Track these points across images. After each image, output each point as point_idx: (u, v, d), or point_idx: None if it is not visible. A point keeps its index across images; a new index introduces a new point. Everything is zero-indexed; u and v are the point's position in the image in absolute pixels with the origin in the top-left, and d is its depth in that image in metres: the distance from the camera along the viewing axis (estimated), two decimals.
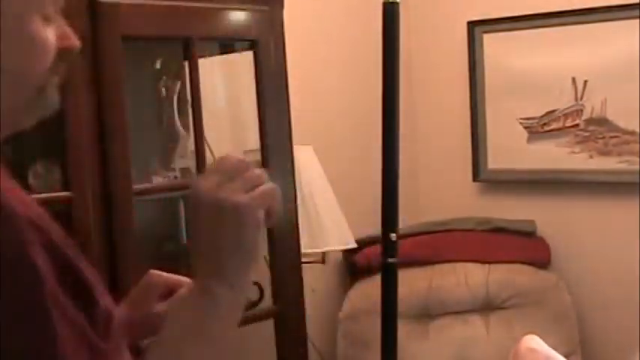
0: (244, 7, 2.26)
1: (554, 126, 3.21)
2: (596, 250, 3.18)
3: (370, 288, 2.95)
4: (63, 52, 1.09)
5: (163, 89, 2.33)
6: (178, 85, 2.33)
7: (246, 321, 2.43)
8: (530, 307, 3.03)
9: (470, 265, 3.12)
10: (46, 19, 1.06)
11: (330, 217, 2.70)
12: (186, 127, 2.32)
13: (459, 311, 3.07)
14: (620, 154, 3.09)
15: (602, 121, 3.11)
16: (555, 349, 1.50)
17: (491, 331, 3.02)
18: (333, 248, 2.77)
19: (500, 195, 3.41)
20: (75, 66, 1.87)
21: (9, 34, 1.03)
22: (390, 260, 1.38)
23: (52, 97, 1.10)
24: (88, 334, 0.95)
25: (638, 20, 2.97)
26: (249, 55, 2.30)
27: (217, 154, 2.47)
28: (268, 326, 2.35)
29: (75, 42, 1.10)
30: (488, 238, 3.22)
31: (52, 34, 1.07)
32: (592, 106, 3.12)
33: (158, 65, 2.34)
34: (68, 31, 1.10)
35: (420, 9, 3.42)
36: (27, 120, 1.12)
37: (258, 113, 2.31)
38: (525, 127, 3.27)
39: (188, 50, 2.15)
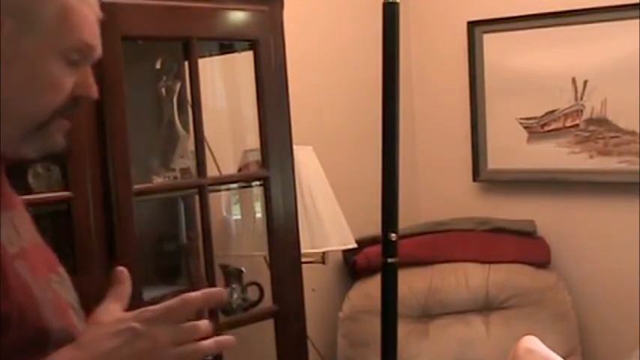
0: (244, 7, 2.26)
1: (554, 126, 3.21)
2: (596, 250, 3.18)
3: (370, 288, 2.95)
4: (78, 99, 1.12)
5: (163, 89, 2.34)
6: (178, 85, 2.33)
7: (246, 321, 2.43)
8: (530, 307, 3.03)
9: (470, 265, 3.12)
10: (70, 64, 1.10)
11: (330, 217, 2.70)
12: (186, 127, 2.32)
13: (459, 311, 3.07)
14: (620, 154, 3.09)
15: (602, 121, 3.11)
16: (555, 349, 1.50)
17: (491, 331, 3.02)
18: (333, 248, 2.77)
19: (500, 195, 3.41)
20: None
21: (26, 66, 1.08)
22: (390, 260, 1.38)
23: (54, 137, 1.13)
24: None
25: (638, 20, 2.97)
26: (249, 55, 2.30)
27: (217, 154, 2.47)
28: (268, 326, 2.35)
29: (94, 93, 1.13)
30: (488, 238, 3.22)
31: (70, 78, 1.10)
32: (592, 106, 3.12)
33: (158, 65, 2.34)
34: (90, 80, 1.13)
35: (420, 9, 3.42)
36: (25, 151, 1.14)
37: (258, 113, 2.31)
38: (525, 127, 3.27)
39: (188, 50, 2.16)
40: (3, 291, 1.03)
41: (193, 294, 1.08)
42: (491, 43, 3.31)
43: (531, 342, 1.44)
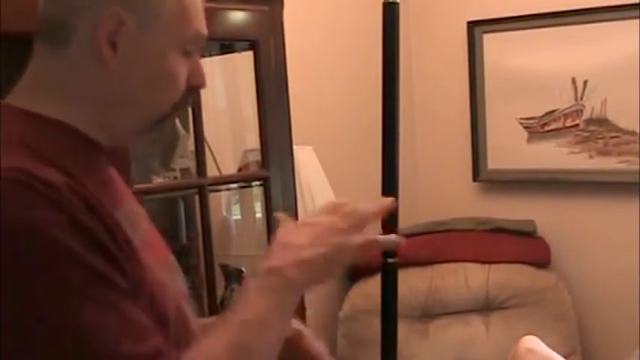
0: (244, 7, 2.26)
1: (554, 126, 3.21)
2: (596, 250, 3.19)
3: (370, 288, 2.95)
4: (190, 88, 1.12)
5: None
6: None
7: None
8: (530, 307, 3.03)
9: (470, 265, 3.12)
10: (185, 55, 1.09)
11: None
12: (186, 127, 2.32)
13: (459, 311, 3.07)
14: (620, 154, 3.09)
15: (602, 121, 3.11)
16: (555, 349, 1.50)
17: (491, 331, 3.02)
18: None
19: (501, 195, 3.41)
20: None
21: (149, 61, 1.06)
22: (390, 260, 1.38)
23: (168, 129, 1.13)
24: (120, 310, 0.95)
25: (638, 20, 2.97)
26: (249, 55, 2.30)
27: (217, 154, 2.47)
28: None
29: (204, 81, 1.12)
30: (488, 238, 3.22)
31: (185, 69, 1.09)
32: (592, 106, 3.12)
33: None
34: (201, 69, 1.12)
35: (420, 9, 3.42)
36: (137, 143, 1.17)
37: (258, 113, 2.31)
38: (525, 127, 3.27)
39: None
40: (142, 283, 1.02)
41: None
42: (491, 43, 3.31)
43: (532, 342, 1.44)
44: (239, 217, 2.71)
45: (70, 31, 1.05)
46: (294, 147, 2.38)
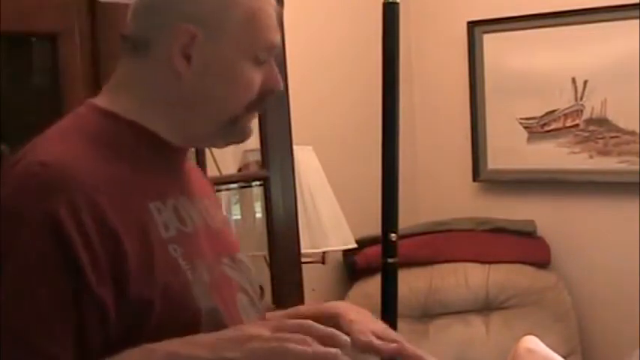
0: None
1: (554, 126, 3.21)
2: (596, 250, 3.18)
3: (370, 288, 2.95)
4: (266, 92, 1.22)
5: None
6: None
7: None
8: (530, 307, 3.03)
9: (470, 265, 3.12)
10: (257, 62, 1.19)
11: (330, 217, 2.70)
12: None
13: (459, 311, 3.07)
14: (620, 154, 3.09)
15: (602, 121, 3.11)
16: (555, 349, 1.50)
17: (491, 331, 3.02)
18: (333, 248, 2.77)
19: (500, 195, 3.41)
20: (76, 66, 1.87)
21: (220, 70, 1.18)
22: (390, 260, 1.38)
23: (244, 129, 1.24)
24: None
25: (638, 20, 2.97)
26: None
27: (217, 154, 2.47)
28: None
29: (279, 84, 1.23)
30: (488, 238, 3.22)
31: (259, 75, 1.20)
32: (592, 106, 3.12)
33: None
34: (276, 74, 1.23)
35: (420, 9, 3.42)
36: (219, 142, 1.29)
37: (259, 113, 2.30)
38: (525, 127, 3.27)
39: None
40: (150, 276, 1.08)
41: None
42: (491, 43, 3.31)
43: (532, 342, 1.44)
44: (239, 217, 2.71)
45: (149, 45, 1.19)
46: (294, 147, 2.38)
